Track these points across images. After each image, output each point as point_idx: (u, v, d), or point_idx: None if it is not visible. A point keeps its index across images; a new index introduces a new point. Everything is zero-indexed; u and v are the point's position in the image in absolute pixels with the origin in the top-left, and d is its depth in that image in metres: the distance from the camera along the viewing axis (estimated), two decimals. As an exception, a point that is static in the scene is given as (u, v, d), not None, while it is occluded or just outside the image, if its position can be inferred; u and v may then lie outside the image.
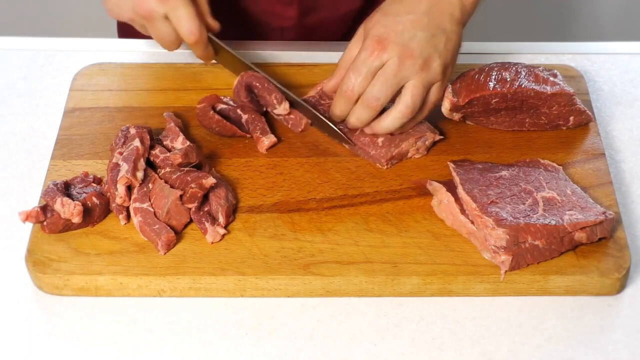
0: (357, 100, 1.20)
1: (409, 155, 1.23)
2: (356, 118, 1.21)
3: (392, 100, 1.20)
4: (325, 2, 1.47)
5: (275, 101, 1.25)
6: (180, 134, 1.21)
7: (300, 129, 1.26)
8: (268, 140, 1.23)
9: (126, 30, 1.44)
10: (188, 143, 1.20)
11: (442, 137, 1.25)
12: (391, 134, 1.22)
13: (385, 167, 1.22)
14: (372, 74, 1.18)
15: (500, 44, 1.42)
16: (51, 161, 1.22)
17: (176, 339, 1.07)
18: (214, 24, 1.29)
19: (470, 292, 1.10)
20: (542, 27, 2.62)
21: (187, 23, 1.23)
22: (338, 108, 1.22)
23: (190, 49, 1.28)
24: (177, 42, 1.26)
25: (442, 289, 1.10)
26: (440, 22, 1.20)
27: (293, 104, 1.27)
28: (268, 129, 1.24)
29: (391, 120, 1.20)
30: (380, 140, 1.22)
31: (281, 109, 1.25)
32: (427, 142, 1.23)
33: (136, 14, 1.23)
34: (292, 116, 1.26)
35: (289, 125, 1.27)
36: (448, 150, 1.24)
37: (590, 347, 1.07)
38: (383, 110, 1.21)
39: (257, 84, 1.26)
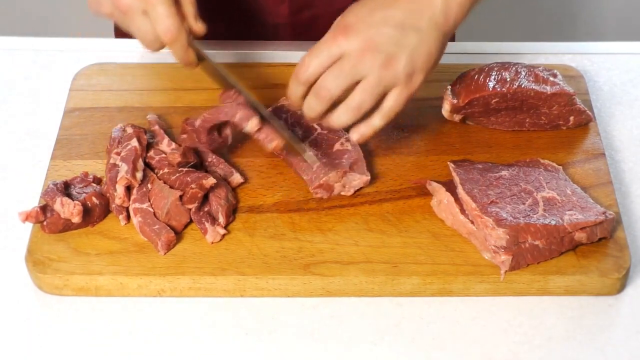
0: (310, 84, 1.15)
1: (336, 190, 1.17)
2: (308, 106, 1.14)
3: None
4: None
5: (243, 118, 1.16)
6: (165, 136, 1.21)
7: (271, 147, 1.16)
8: (236, 179, 1.18)
9: (122, 30, 1.43)
10: (174, 145, 1.20)
11: (368, 177, 1.18)
12: (337, 158, 1.18)
13: (316, 195, 1.17)
14: (329, 60, 1.12)
15: (500, 44, 1.42)
16: (51, 161, 1.22)
17: (176, 339, 1.07)
18: (199, 28, 1.20)
19: (470, 292, 1.10)
20: (542, 27, 2.62)
21: (164, 21, 1.15)
22: (291, 89, 1.16)
23: (169, 49, 1.20)
24: (157, 41, 1.18)
25: (442, 289, 1.10)
26: (416, 22, 1.11)
27: (265, 120, 1.17)
28: (232, 169, 1.19)
29: (338, 116, 1.14)
30: (316, 165, 1.18)
31: (249, 127, 1.16)
32: (353, 183, 1.18)
33: (115, 8, 1.17)
34: (262, 135, 1.16)
35: (260, 144, 1.18)
36: (448, 150, 1.24)
37: (590, 347, 1.06)
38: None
39: (227, 99, 1.18)
